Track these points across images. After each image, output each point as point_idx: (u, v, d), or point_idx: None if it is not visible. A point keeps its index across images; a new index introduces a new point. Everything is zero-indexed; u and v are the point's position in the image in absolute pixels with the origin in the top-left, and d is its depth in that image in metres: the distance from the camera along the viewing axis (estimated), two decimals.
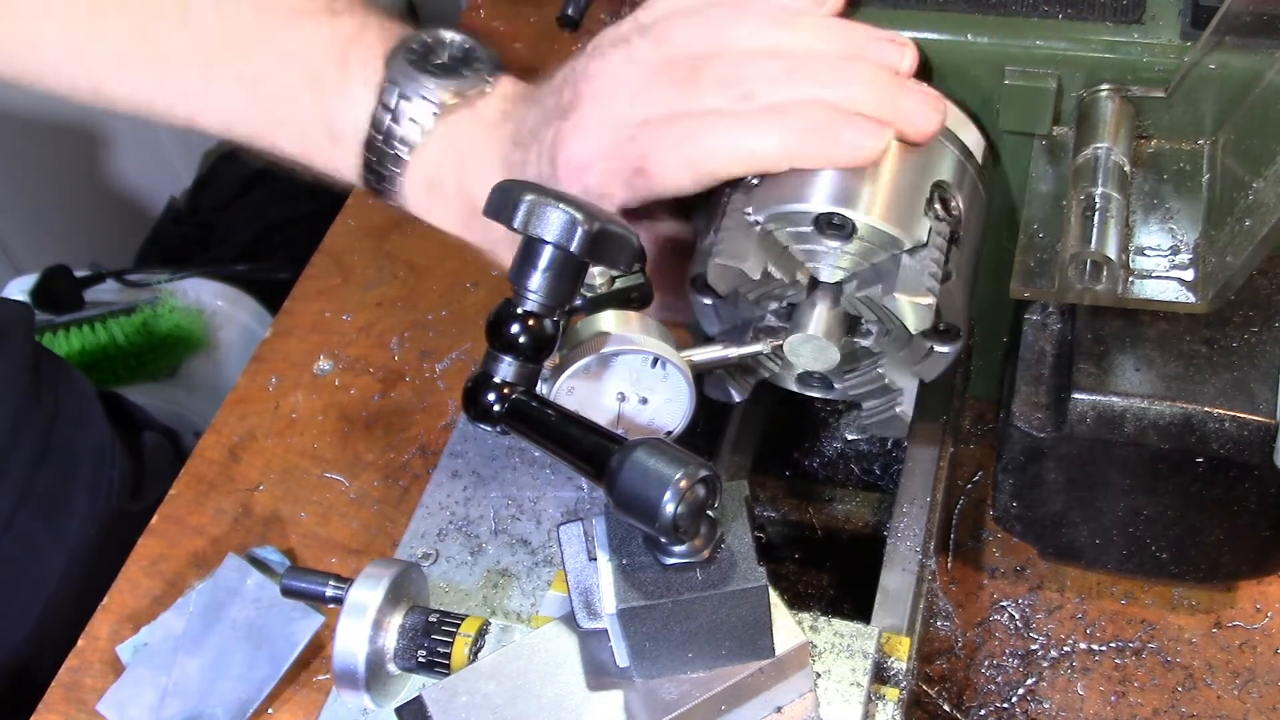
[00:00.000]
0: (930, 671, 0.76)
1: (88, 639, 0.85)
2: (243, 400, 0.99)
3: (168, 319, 1.60)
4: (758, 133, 0.62)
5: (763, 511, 0.82)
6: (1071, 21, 0.66)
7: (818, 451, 0.85)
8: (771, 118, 0.62)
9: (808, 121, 0.61)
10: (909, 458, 0.76)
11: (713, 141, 0.62)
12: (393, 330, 1.03)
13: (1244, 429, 0.62)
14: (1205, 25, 0.62)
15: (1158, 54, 0.64)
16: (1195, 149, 0.66)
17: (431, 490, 0.86)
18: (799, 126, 0.61)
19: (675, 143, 0.63)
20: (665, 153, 0.63)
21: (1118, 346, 0.65)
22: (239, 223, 1.92)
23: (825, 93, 0.62)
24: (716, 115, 0.63)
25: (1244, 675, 0.75)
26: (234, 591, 0.83)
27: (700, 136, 0.62)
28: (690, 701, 0.55)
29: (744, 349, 0.66)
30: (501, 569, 0.81)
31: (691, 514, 0.50)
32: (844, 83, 0.62)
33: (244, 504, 0.92)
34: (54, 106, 1.80)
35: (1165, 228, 0.63)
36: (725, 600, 0.53)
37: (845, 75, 0.62)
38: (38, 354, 1.08)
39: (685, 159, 0.63)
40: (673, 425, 0.65)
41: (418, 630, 0.63)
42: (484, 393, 0.58)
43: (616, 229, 0.58)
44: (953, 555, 0.82)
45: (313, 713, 0.79)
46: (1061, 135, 0.67)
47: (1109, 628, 0.78)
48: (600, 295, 0.66)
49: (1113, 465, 0.66)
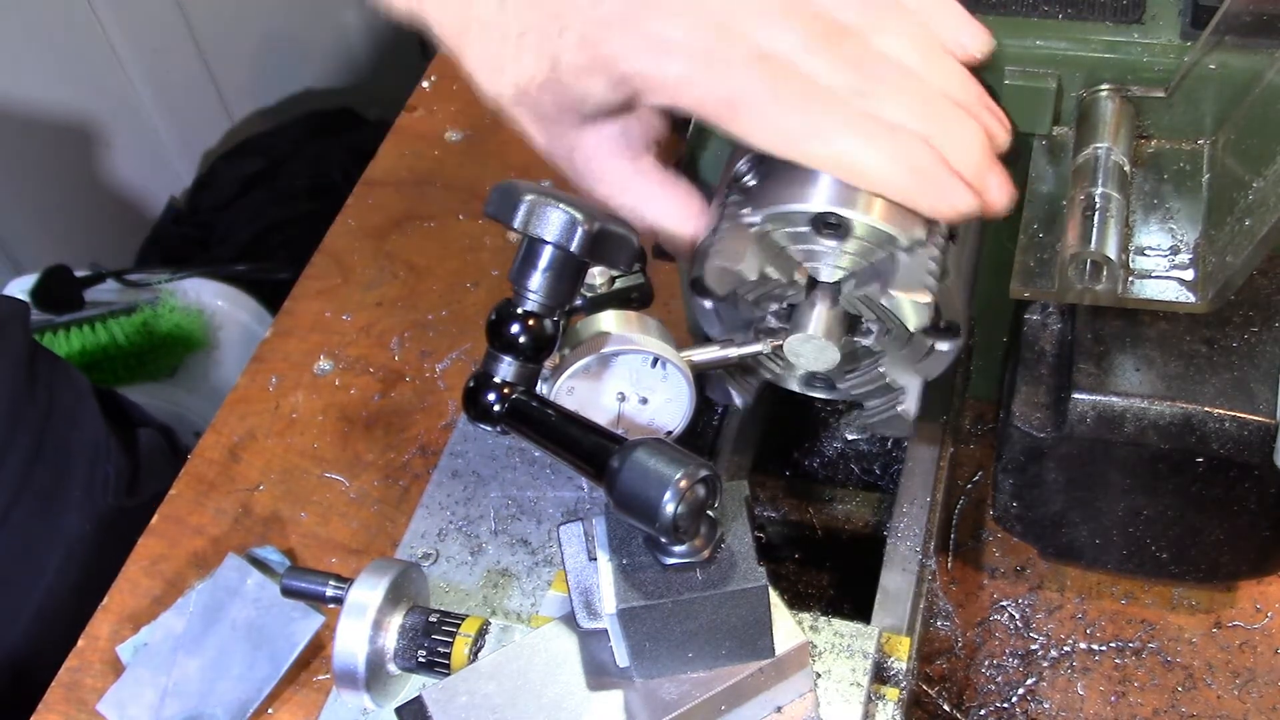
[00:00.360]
0: (930, 671, 0.76)
1: (88, 639, 0.85)
2: (243, 400, 0.99)
3: (168, 319, 1.60)
4: (870, 146, 0.58)
5: (763, 511, 0.82)
6: (1071, 21, 0.66)
7: (818, 451, 0.85)
8: (889, 139, 0.59)
9: (920, 161, 0.59)
10: (909, 458, 0.76)
11: (824, 125, 0.58)
12: (393, 330, 1.03)
13: (1244, 429, 0.62)
14: (1205, 25, 0.62)
15: (1158, 54, 0.64)
16: (1195, 149, 0.66)
17: (431, 490, 0.86)
18: (911, 162, 0.59)
19: (789, 105, 0.58)
20: (775, 107, 0.58)
21: (1118, 346, 0.65)
22: (239, 223, 1.92)
23: (943, 138, 0.59)
24: (835, 101, 0.58)
25: (1244, 675, 0.75)
26: (234, 591, 0.83)
27: (814, 112, 0.58)
28: (690, 701, 0.55)
29: (744, 349, 0.66)
30: (501, 569, 0.81)
31: (691, 514, 0.50)
32: (960, 137, 0.60)
33: (244, 504, 0.92)
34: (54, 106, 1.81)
35: (1165, 228, 0.63)
36: (725, 600, 0.53)
37: (964, 131, 0.60)
38: (33, 349, 1.08)
39: (790, 126, 0.58)
40: (673, 425, 0.65)
41: (418, 630, 0.63)
42: (484, 393, 0.58)
43: (616, 229, 0.58)
44: (953, 555, 0.82)
45: (313, 713, 0.79)
46: (1061, 135, 0.67)
47: (1109, 628, 0.78)
48: (600, 295, 0.66)
49: (1113, 465, 0.66)
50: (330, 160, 1.96)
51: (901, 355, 0.66)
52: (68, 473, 1.07)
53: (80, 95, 1.84)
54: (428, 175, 1.15)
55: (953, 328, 0.63)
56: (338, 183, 1.91)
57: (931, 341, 0.64)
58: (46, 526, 1.04)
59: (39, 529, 1.04)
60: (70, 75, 1.82)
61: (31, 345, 1.08)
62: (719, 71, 0.58)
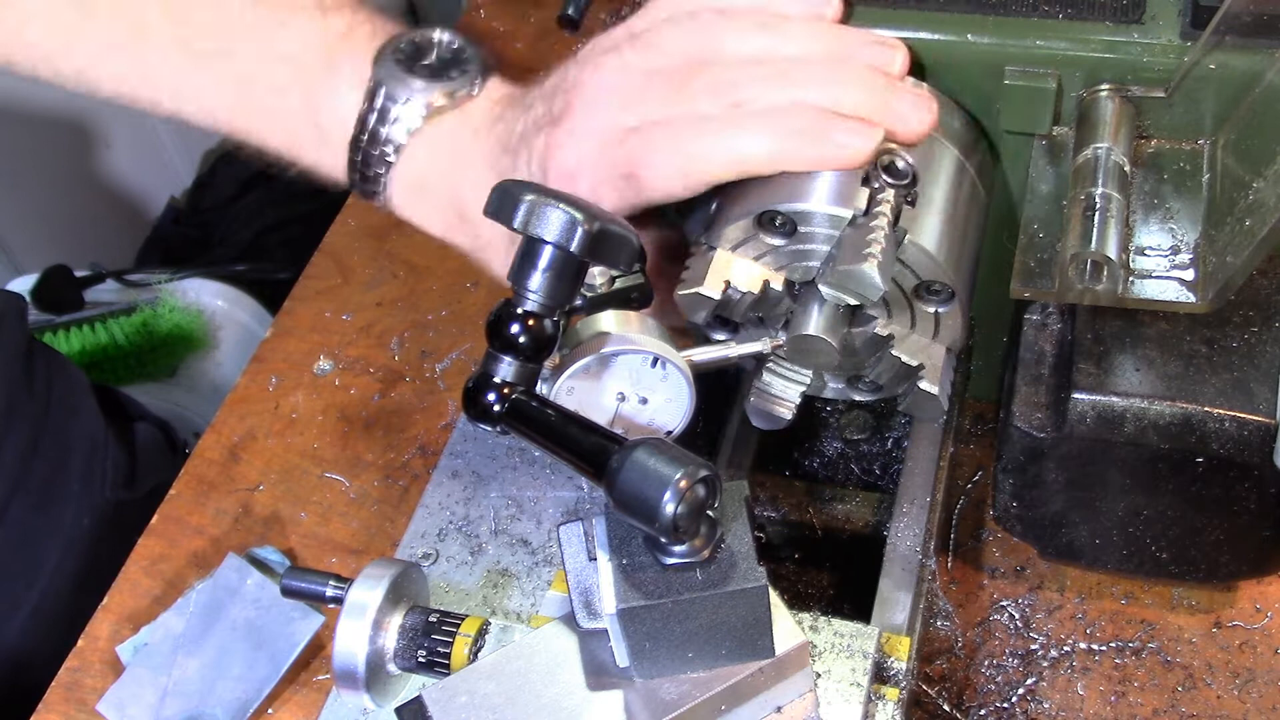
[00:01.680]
0: (930, 671, 0.76)
1: (88, 639, 0.85)
2: (243, 400, 0.99)
3: (168, 319, 1.60)
4: (747, 136, 0.62)
5: (763, 511, 0.82)
6: (1071, 21, 0.66)
7: (818, 451, 0.85)
8: (761, 121, 0.62)
9: (797, 124, 0.61)
10: (909, 458, 0.76)
11: (702, 145, 0.62)
12: (393, 330, 1.03)
13: (1244, 429, 0.62)
14: (1205, 25, 0.62)
15: (1158, 54, 0.64)
16: (1195, 149, 0.66)
17: (431, 490, 0.86)
18: (788, 129, 0.61)
19: (666, 148, 0.63)
20: (656, 158, 0.63)
21: (1118, 346, 0.65)
22: (239, 223, 1.92)
23: (814, 95, 0.62)
24: (706, 120, 0.63)
25: (1244, 675, 0.75)
26: (234, 591, 0.83)
27: (690, 141, 0.62)
28: (690, 701, 0.55)
29: (744, 349, 0.66)
30: (501, 569, 0.81)
31: (691, 514, 0.50)
32: (833, 84, 0.62)
33: (244, 504, 0.92)
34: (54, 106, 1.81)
35: (1165, 228, 0.63)
36: (725, 600, 0.53)
37: (834, 77, 0.62)
38: (31, 344, 1.08)
39: (676, 164, 0.63)
40: (673, 425, 0.65)
41: (418, 630, 0.63)
42: (484, 393, 0.58)
43: (616, 229, 0.58)
44: (953, 555, 0.82)
45: (313, 713, 0.79)
46: (1061, 135, 0.67)
47: (1109, 628, 0.78)
48: (600, 295, 0.66)
49: (1113, 465, 0.66)
50: None
51: (913, 335, 0.65)
52: (65, 466, 1.07)
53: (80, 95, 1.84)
54: None
55: (944, 288, 0.62)
56: None
57: (934, 309, 0.64)
58: (44, 520, 1.05)
59: (37, 523, 1.04)
60: None
61: (29, 339, 1.08)
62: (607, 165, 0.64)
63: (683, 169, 0.63)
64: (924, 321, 0.64)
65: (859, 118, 0.61)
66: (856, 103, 0.62)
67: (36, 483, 1.04)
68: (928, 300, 0.63)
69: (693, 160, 0.62)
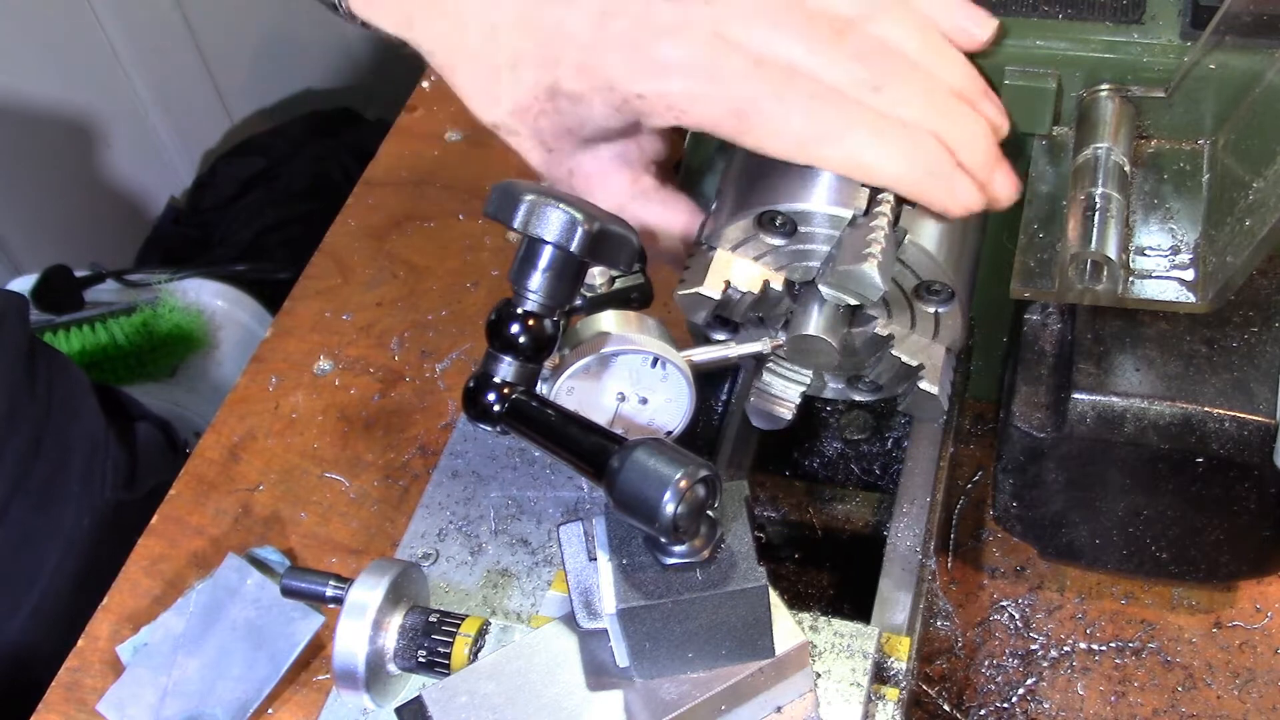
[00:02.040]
0: (930, 671, 0.76)
1: (88, 639, 0.85)
2: (243, 400, 0.99)
3: (168, 319, 1.60)
4: (884, 149, 0.58)
5: (763, 511, 0.82)
6: (1071, 21, 0.66)
7: (818, 451, 0.85)
8: (899, 135, 0.58)
9: (930, 158, 0.59)
10: (909, 458, 0.76)
11: (836, 128, 0.57)
12: (393, 330, 1.03)
13: (1244, 429, 0.62)
14: (1205, 25, 0.62)
15: (1158, 54, 0.64)
16: (1195, 149, 0.66)
17: (431, 490, 0.86)
18: (924, 160, 0.58)
19: (797, 108, 0.57)
20: (783, 113, 0.57)
21: (1118, 346, 0.65)
22: (239, 223, 1.92)
23: (951, 133, 0.59)
24: (843, 99, 0.58)
25: (1244, 675, 0.75)
26: (234, 591, 0.83)
27: (826, 117, 0.57)
28: (690, 701, 0.55)
29: (744, 349, 0.66)
30: (501, 569, 0.81)
31: (691, 514, 0.50)
32: (967, 132, 0.60)
33: (244, 504, 0.92)
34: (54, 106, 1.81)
35: (1165, 228, 0.63)
36: (725, 600, 0.53)
37: (970, 124, 0.60)
38: (32, 343, 1.08)
39: (802, 131, 0.57)
40: (673, 425, 0.65)
41: (418, 630, 0.63)
42: (484, 393, 0.58)
43: (616, 229, 0.58)
44: (953, 555, 0.82)
45: (313, 713, 0.79)
46: (1061, 135, 0.67)
47: (1109, 628, 0.78)
48: (600, 295, 0.66)
49: (1113, 465, 0.66)
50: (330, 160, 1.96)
51: (913, 335, 0.65)
52: (66, 467, 1.07)
53: (80, 95, 1.84)
54: (428, 175, 1.15)
55: (943, 289, 0.62)
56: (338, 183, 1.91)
57: (933, 309, 0.64)
58: (45, 521, 1.05)
59: (37, 522, 1.04)
60: (70, 75, 1.82)
61: (30, 339, 1.08)
62: (721, 86, 0.58)
63: (804, 137, 0.58)
64: (924, 321, 0.64)
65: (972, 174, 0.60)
66: (975, 158, 0.60)
67: (37, 483, 1.04)
68: (928, 300, 0.63)
69: (818, 138, 0.58)
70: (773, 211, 0.61)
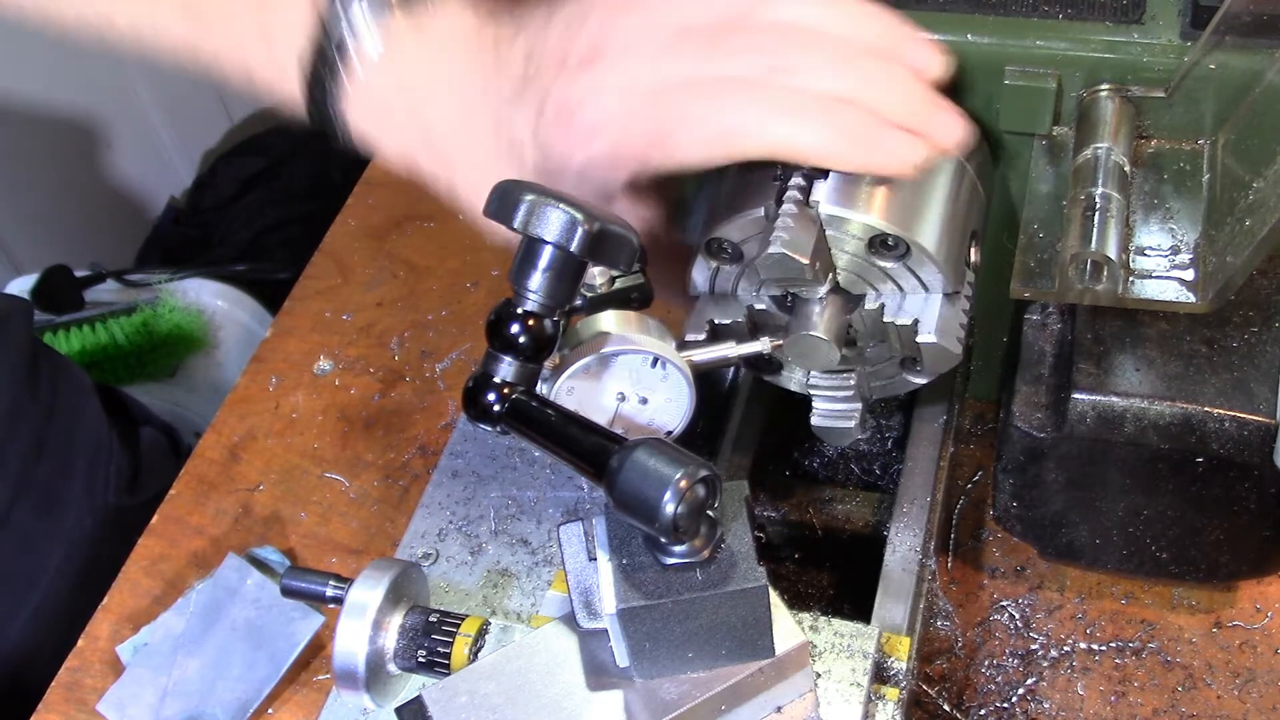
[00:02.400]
0: (930, 671, 0.76)
1: (88, 639, 0.85)
2: (243, 400, 0.99)
3: (168, 319, 1.60)
4: (800, 123, 0.58)
5: (763, 511, 0.82)
6: (1071, 21, 0.66)
7: (818, 451, 0.85)
8: (814, 110, 0.58)
9: (851, 124, 0.58)
10: (909, 458, 0.76)
11: (744, 117, 0.58)
12: (393, 330, 1.03)
13: (1244, 429, 0.62)
14: (1205, 25, 0.62)
15: (1158, 54, 0.64)
16: (1195, 149, 0.66)
17: (431, 490, 0.86)
18: (843, 127, 0.58)
19: (705, 113, 0.58)
20: (693, 122, 0.58)
21: (1118, 346, 0.65)
22: (239, 223, 1.92)
23: (868, 93, 0.59)
24: (747, 87, 0.58)
25: (1244, 675, 0.75)
26: (234, 591, 0.83)
27: (731, 109, 0.58)
28: (690, 701, 0.55)
29: (744, 349, 0.66)
30: (501, 569, 0.81)
31: (691, 514, 0.50)
32: (885, 86, 0.59)
33: (244, 504, 0.92)
34: (54, 106, 1.81)
35: (1165, 228, 0.63)
36: (725, 600, 0.53)
37: (887, 78, 0.59)
38: (36, 347, 1.08)
39: (714, 131, 0.58)
40: (673, 425, 0.65)
41: (418, 630, 0.63)
42: (484, 393, 0.58)
43: (616, 229, 0.58)
44: (953, 555, 0.82)
45: (313, 713, 0.79)
46: (1061, 135, 0.67)
47: (1109, 628, 0.78)
48: (600, 295, 0.66)
49: (1113, 465, 0.66)
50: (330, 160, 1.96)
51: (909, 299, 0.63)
52: (69, 470, 1.07)
53: (80, 95, 1.84)
54: None
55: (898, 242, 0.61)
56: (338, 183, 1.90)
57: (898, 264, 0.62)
58: (47, 524, 1.05)
59: (40, 526, 1.04)
60: (70, 75, 1.82)
61: (34, 342, 1.08)
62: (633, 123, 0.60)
63: (722, 138, 0.58)
64: (905, 280, 0.62)
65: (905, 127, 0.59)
66: (903, 111, 0.59)
67: (40, 486, 1.04)
68: (887, 257, 0.61)
69: (731, 132, 0.58)
70: (713, 240, 0.62)
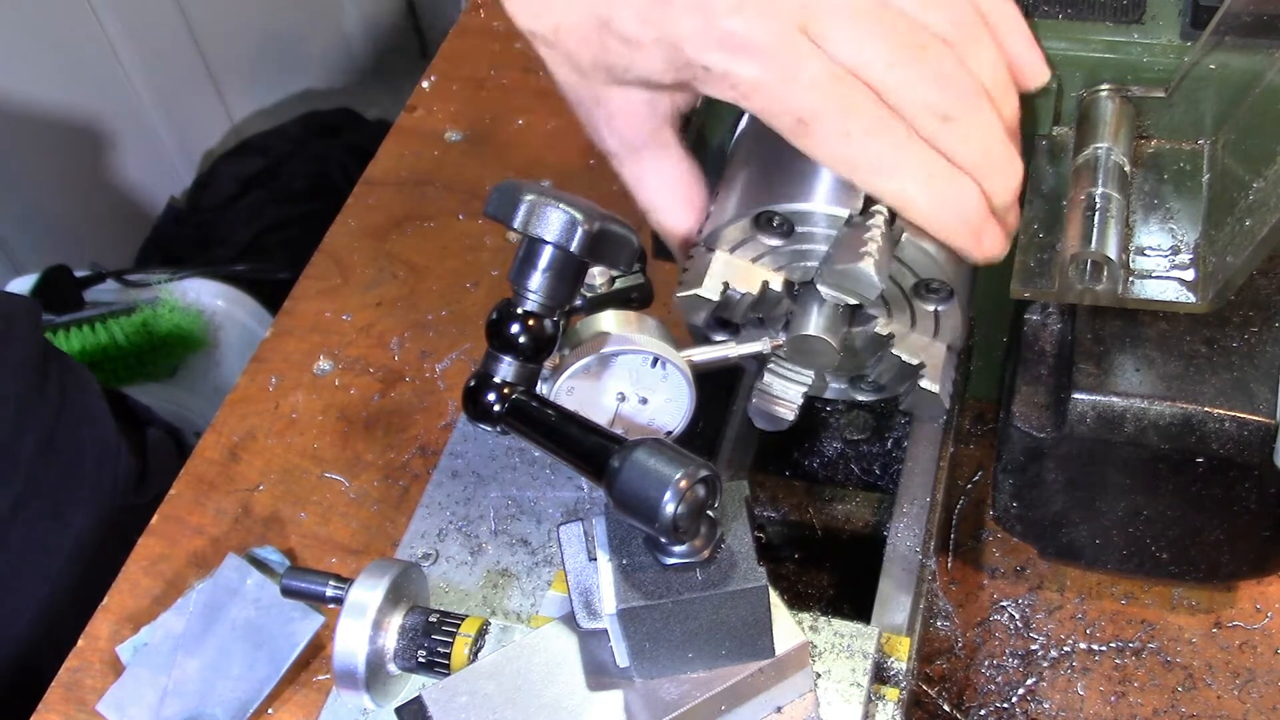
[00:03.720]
0: (930, 671, 0.76)
1: (88, 639, 0.85)
2: (243, 400, 0.99)
3: (168, 319, 1.60)
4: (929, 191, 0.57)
5: (763, 511, 0.82)
6: (1071, 21, 0.66)
7: (818, 451, 0.85)
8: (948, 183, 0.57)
9: (969, 209, 0.58)
10: (909, 458, 0.76)
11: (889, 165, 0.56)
12: (393, 330, 1.03)
13: (1244, 429, 0.62)
14: (1205, 25, 0.62)
15: (1158, 54, 0.64)
16: (1195, 149, 0.66)
17: (431, 490, 0.86)
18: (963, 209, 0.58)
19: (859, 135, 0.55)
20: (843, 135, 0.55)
21: (1118, 346, 0.65)
22: (239, 223, 1.92)
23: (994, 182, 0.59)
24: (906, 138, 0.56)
25: (1244, 675, 0.75)
26: (234, 591, 0.83)
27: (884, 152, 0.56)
28: (690, 701, 0.55)
29: (744, 349, 0.66)
30: (501, 569, 0.81)
31: (691, 514, 0.50)
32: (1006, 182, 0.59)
33: (244, 504, 0.92)
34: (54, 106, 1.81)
35: (1165, 228, 0.63)
36: (725, 600, 0.53)
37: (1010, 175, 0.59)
38: (45, 348, 1.08)
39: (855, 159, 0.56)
40: (673, 425, 0.65)
41: (418, 630, 0.63)
42: (484, 393, 0.58)
43: (616, 229, 0.58)
44: (953, 555, 0.82)
45: (313, 713, 0.79)
46: (1061, 135, 0.67)
47: (1109, 628, 0.78)
48: (600, 295, 0.66)
49: (1113, 465, 0.66)
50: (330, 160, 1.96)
51: (914, 334, 0.65)
52: (77, 471, 1.07)
53: (80, 95, 1.85)
54: (428, 175, 1.15)
55: (942, 287, 0.62)
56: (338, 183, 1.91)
57: (933, 307, 0.63)
58: (54, 525, 1.05)
59: (47, 527, 1.04)
60: (70, 75, 1.82)
61: (42, 343, 1.08)
62: (792, 87, 0.56)
63: (855, 165, 0.56)
64: (924, 320, 0.64)
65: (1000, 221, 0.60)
66: (1003, 205, 0.60)
67: (48, 488, 1.04)
68: (927, 299, 0.63)
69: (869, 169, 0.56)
70: (770, 212, 0.61)
